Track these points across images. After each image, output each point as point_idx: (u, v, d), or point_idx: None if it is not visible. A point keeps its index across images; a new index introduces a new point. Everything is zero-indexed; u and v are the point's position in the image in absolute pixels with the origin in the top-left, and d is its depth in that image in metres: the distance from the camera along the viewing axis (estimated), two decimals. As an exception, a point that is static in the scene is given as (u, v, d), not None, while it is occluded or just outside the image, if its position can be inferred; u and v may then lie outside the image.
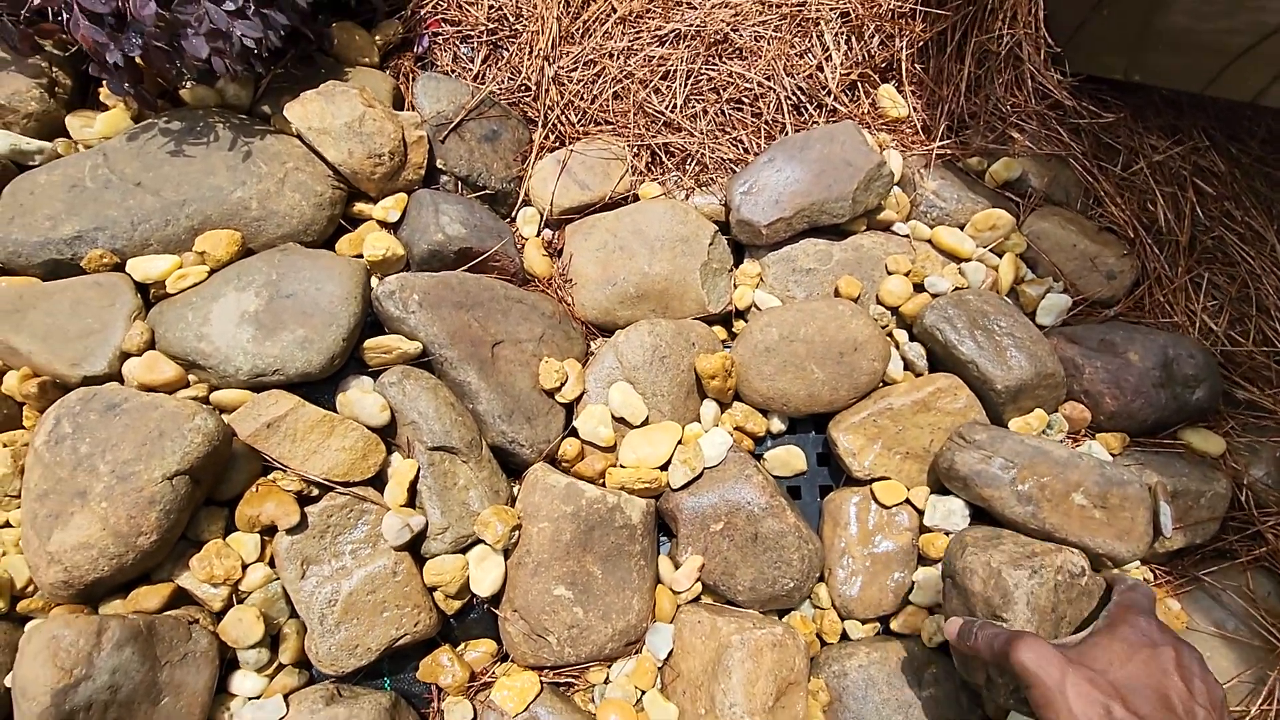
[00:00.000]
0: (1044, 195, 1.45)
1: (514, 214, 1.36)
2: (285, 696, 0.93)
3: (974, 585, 0.96)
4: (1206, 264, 1.33)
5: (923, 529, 1.17)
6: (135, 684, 0.83)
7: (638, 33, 1.46)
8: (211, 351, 0.98)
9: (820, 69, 1.48)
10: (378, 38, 1.41)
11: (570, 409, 1.19)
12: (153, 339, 1.00)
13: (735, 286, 1.33)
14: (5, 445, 0.93)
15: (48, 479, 0.86)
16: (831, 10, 1.50)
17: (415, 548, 1.02)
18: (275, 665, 0.95)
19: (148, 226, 1.05)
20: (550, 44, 1.44)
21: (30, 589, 0.89)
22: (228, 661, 0.94)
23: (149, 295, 1.05)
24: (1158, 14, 1.24)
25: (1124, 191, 1.43)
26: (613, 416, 1.16)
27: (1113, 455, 1.21)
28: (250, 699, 0.93)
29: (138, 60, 1.10)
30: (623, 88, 1.44)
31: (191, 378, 1.00)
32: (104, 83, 1.17)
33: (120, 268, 1.04)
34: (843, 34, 1.50)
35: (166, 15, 0.99)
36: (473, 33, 1.46)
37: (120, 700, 0.82)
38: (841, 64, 1.49)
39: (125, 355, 0.99)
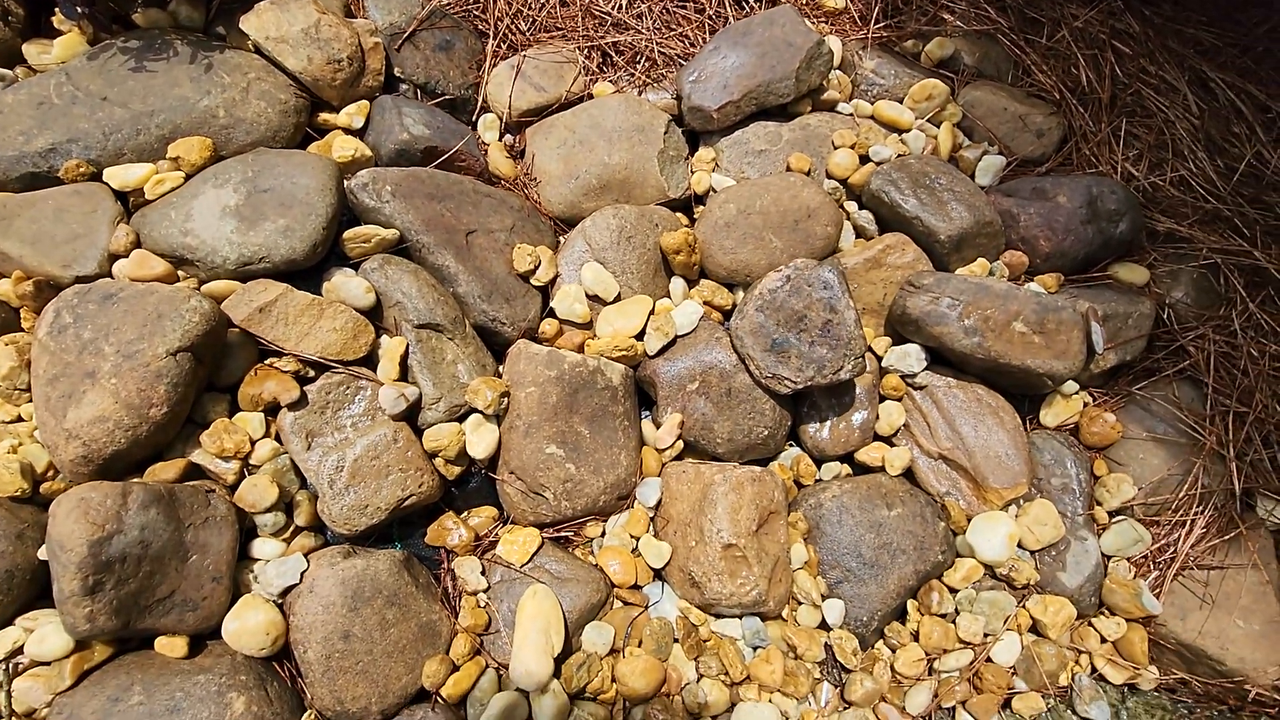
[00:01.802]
0: (976, 70, 1.54)
1: (475, 120, 1.41)
2: (305, 555, 0.99)
3: None
4: (1126, 117, 1.43)
5: (882, 372, 1.27)
6: (164, 541, 0.89)
7: (579, -61, 1.50)
8: (198, 245, 1.03)
9: (757, -37, 1.54)
10: (323, -41, 1.43)
11: (546, 292, 1.25)
12: (138, 240, 1.04)
13: (693, 172, 1.40)
14: (8, 344, 0.97)
15: (56, 364, 0.91)
16: (763, -95, 1.55)
17: (412, 419, 1.08)
18: (292, 529, 1.01)
19: (120, 136, 1.08)
20: (494, -45, 1.47)
21: (50, 473, 0.94)
22: (247, 531, 1.00)
23: (129, 202, 1.08)
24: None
25: (1049, 59, 1.52)
26: (586, 294, 1.23)
27: (1051, 292, 1.31)
28: (271, 560, 0.99)
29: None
30: (569, -7, 1.48)
31: (181, 273, 1.05)
32: (57, 9, 1.19)
33: (97, 177, 1.08)
34: (776, -72, 1.55)
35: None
36: (417, -51, 1.48)
37: (152, 555, 0.88)
38: (777, -43, 1.54)
39: (114, 256, 1.03)
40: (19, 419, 0.97)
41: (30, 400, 0.97)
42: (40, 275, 0.99)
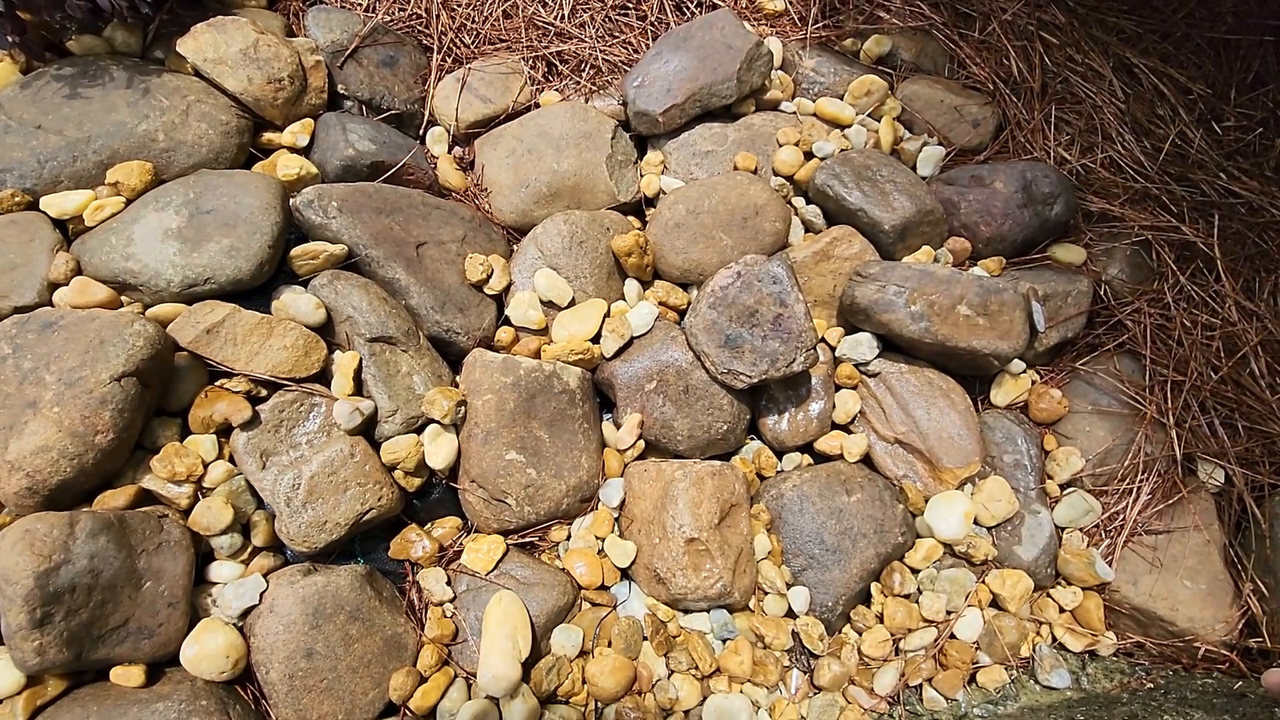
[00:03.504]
0: (913, 65, 1.58)
1: (422, 134, 1.41)
2: (265, 576, 0.98)
3: None
4: (1057, 104, 1.48)
5: (836, 361, 1.29)
6: (115, 569, 0.87)
7: (518, -48, 1.52)
8: (140, 269, 1.02)
9: (695, -31, 1.57)
10: (263, -19, 1.43)
11: (500, 301, 1.26)
12: (79, 267, 1.03)
13: (641, 176, 1.42)
14: (-54, 379, 0.95)
15: (-5, 397, 0.90)
16: (698, -87, 1.58)
17: (369, 432, 1.08)
18: (250, 550, 1.00)
19: (55, 164, 1.07)
20: (435, -29, 1.49)
21: (-4, 508, 0.93)
22: (204, 554, 0.99)
23: (68, 230, 1.07)
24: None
25: (982, 51, 1.57)
26: (540, 301, 1.24)
27: (992, 274, 1.35)
28: (229, 583, 0.98)
29: (20, 11, 1.11)
30: (511, 5, 1.50)
31: (124, 299, 1.04)
32: (-11, 39, 1.17)
33: (34, 206, 1.06)
34: (712, -65, 1.59)
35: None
36: (357, -32, 1.49)
37: (103, 584, 0.86)
38: (715, -37, 1.58)
39: (54, 285, 1.01)
40: (-40, 455, 0.95)
41: (-29, 434, 0.95)
42: (-23, 307, 0.98)
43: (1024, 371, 1.32)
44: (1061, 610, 1.21)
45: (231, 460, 1.02)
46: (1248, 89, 1.47)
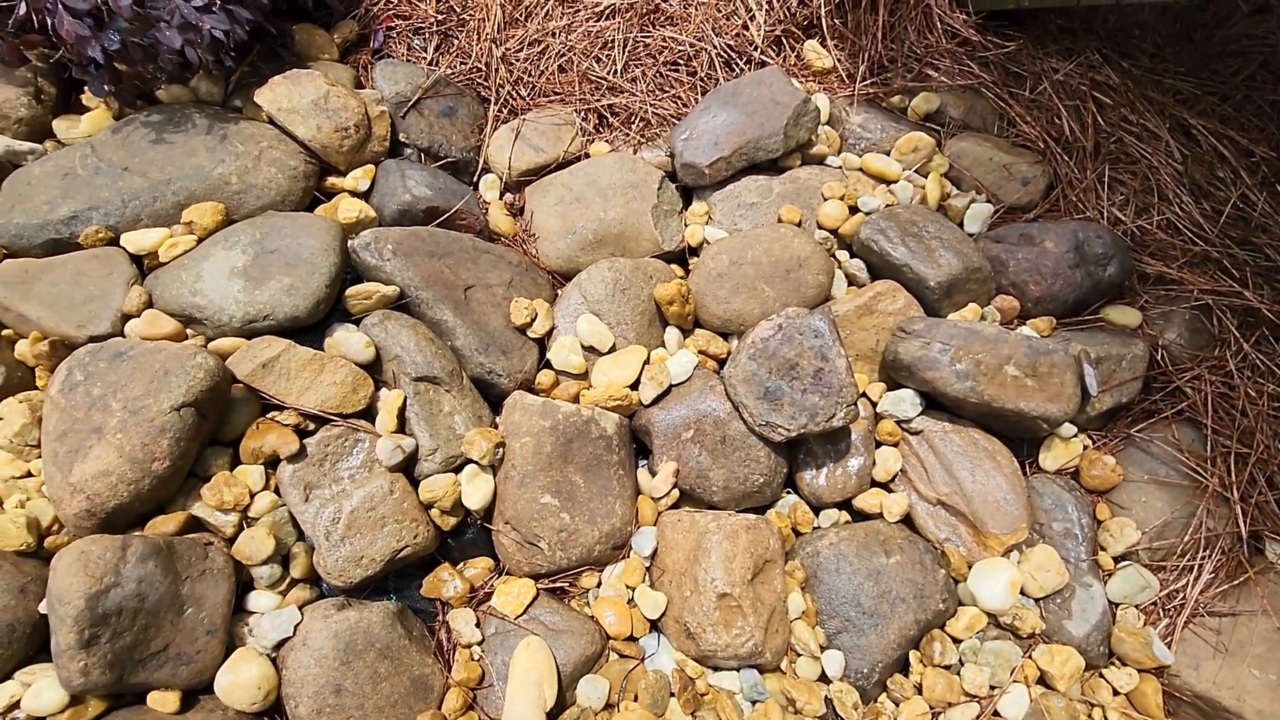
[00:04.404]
0: (962, 123, 1.59)
1: (476, 180, 1.47)
2: (300, 608, 1.00)
3: None
4: (1111, 164, 1.46)
5: (877, 417, 1.27)
6: (160, 594, 0.90)
7: (576, 11, 1.59)
8: (206, 304, 1.07)
9: (746, 28, 1.61)
10: (336, 36, 1.52)
11: (542, 345, 1.28)
12: (150, 300, 1.09)
13: (686, 226, 1.44)
14: (21, 401, 1.01)
15: (64, 421, 0.95)
16: (750, -25, 1.64)
17: (409, 470, 1.10)
18: (288, 581, 1.02)
19: (138, 204, 1.15)
20: (496, 29, 1.56)
21: (55, 527, 0.97)
22: (244, 583, 1.01)
23: (144, 265, 1.14)
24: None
25: (1032, 110, 1.56)
26: (582, 346, 1.26)
27: (1043, 334, 1.32)
28: (266, 613, 1.00)
29: (117, 63, 1.21)
30: (566, 60, 1.56)
31: (189, 331, 1.09)
32: (85, 86, 1.28)
33: (115, 242, 1.14)
34: (763, -4, 1.64)
35: (142, 10, 1.10)
36: (424, 25, 1.58)
37: (148, 608, 0.89)
38: (765, 22, 1.62)
39: (127, 316, 1.07)
40: (29, 474, 1.00)
41: (39, 456, 1.00)
42: (56, 336, 1.04)
43: (1075, 435, 1.27)
44: (1116, 693, 1.14)
45: (276, 491, 1.04)
46: (1314, 151, 1.43)
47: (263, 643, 0.97)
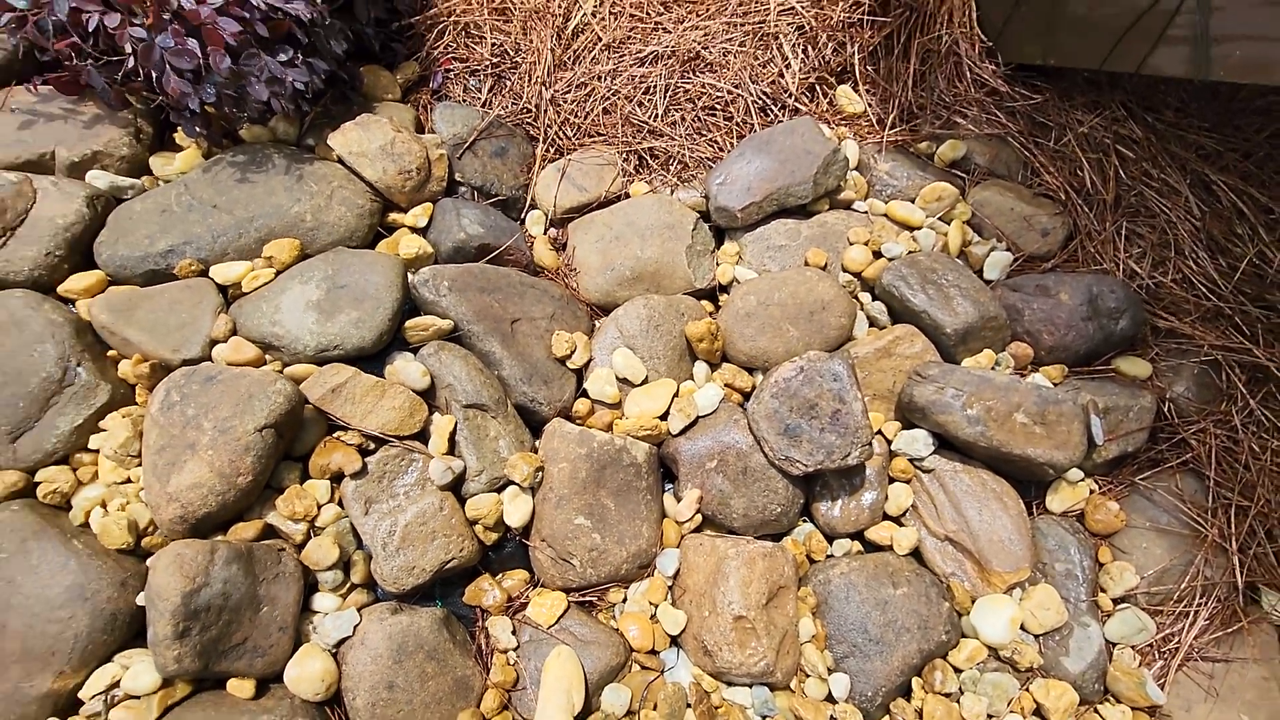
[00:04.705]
0: (987, 170, 1.65)
1: (523, 216, 1.58)
2: (358, 610, 1.12)
3: None
4: (1130, 217, 1.51)
5: (891, 455, 1.35)
6: (241, 594, 1.03)
7: (621, 57, 1.69)
8: (283, 334, 1.20)
9: (781, 75, 1.70)
10: (399, 77, 1.65)
11: (580, 375, 1.39)
12: (234, 328, 1.22)
13: (718, 265, 1.54)
14: (125, 416, 1.14)
15: (163, 436, 1.08)
16: (789, 25, 1.72)
17: (457, 488, 1.21)
18: (348, 586, 1.14)
19: (225, 239, 1.28)
20: (546, 72, 1.67)
21: (150, 529, 1.10)
22: (310, 586, 1.14)
23: (228, 295, 1.27)
24: (1062, 5, 1.45)
25: (1056, 161, 1.62)
26: (616, 378, 1.36)
27: (1054, 385, 1.38)
28: (329, 614, 1.12)
29: (208, 107, 1.34)
30: (610, 104, 1.66)
31: (268, 357, 1.22)
32: (179, 128, 1.42)
33: (205, 273, 1.27)
34: (799, 45, 1.72)
35: (235, 67, 1.23)
36: (479, 67, 1.70)
37: (231, 606, 1.01)
38: (800, 70, 1.70)
39: (214, 342, 1.20)
40: (128, 481, 1.13)
41: (139, 465, 1.13)
42: (155, 358, 1.17)
43: (1082, 480, 1.34)
44: (1110, 728, 1.20)
45: (340, 504, 1.16)
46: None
47: (326, 640, 1.09)
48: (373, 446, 1.20)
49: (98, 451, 1.14)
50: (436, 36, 1.70)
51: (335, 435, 1.19)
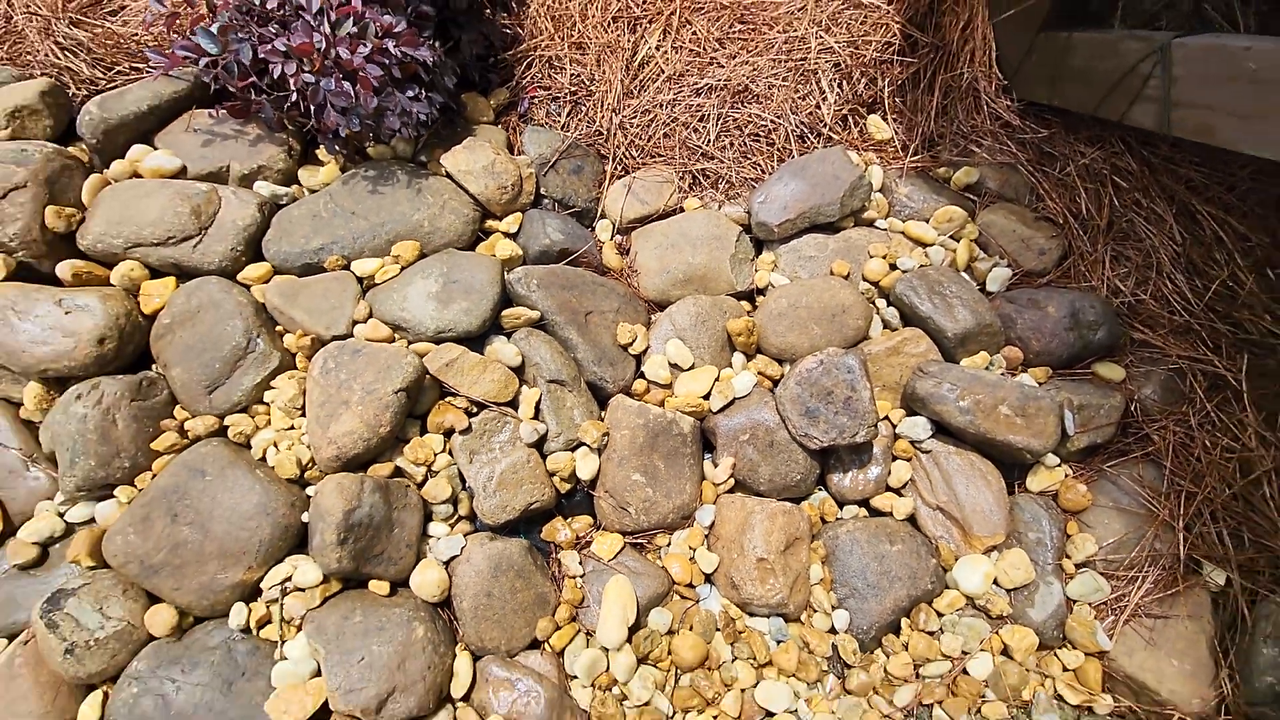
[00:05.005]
0: (997, 194, 1.89)
1: (594, 224, 1.87)
2: (464, 536, 1.44)
3: None
4: (1119, 240, 1.74)
5: (895, 437, 1.61)
6: (381, 517, 1.35)
7: (680, 88, 1.97)
8: (409, 319, 1.52)
9: (819, 107, 1.95)
10: (492, 101, 1.95)
11: (639, 360, 1.68)
12: (371, 311, 1.54)
13: (756, 271, 1.81)
14: (291, 378, 1.48)
15: (323, 394, 1.41)
16: (827, 63, 1.97)
17: (540, 446, 1.52)
18: (456, 517, 1.47)
19: (362, 240, 1.60)
20: (616, 100, 1.96)
21: (310, 465, 1.43)
22: (428, 516, 1.46)
23: (365, 285, 1.59)
24: (1066, 57, 1.68)
25: (1059, 188, 1.85)
26: (669, 363, 1.65)
27: (1039, 383, 1.63)
28: (441, 538, 1.44)
29: (349, 132, 1.66)
30: (670, 129, 1.94)
31: (397, 336, 1.54)
32: (322, 146, 1.74)
33: (347, 267, 1.60)
34: (835, 80, 1.97)
35: (378, 104, 1.54)
36: (559, 94, 1.99)
37: (374, 525, 1.34)
38: (835, 102, 1.96)
39: (355, 322, 1.53)
40: (292, 428, 1.47)
41: (302, 416, 1.47)
42: (313, 333, 1.50)
43: (1058, 465, 1.58)
44: (1065, 669, 1.46)
45: (450, 454, 1.48)
46: (1309, 241, 1.67)
47: (440, 557, 1.41)
48: (476, 410, 1.51)
49: (270, 404, 1.48)
50: (524, 68, 2.00)
51: (447, 399, 1.51)
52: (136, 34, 1.78)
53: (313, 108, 1.56)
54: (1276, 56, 1.07)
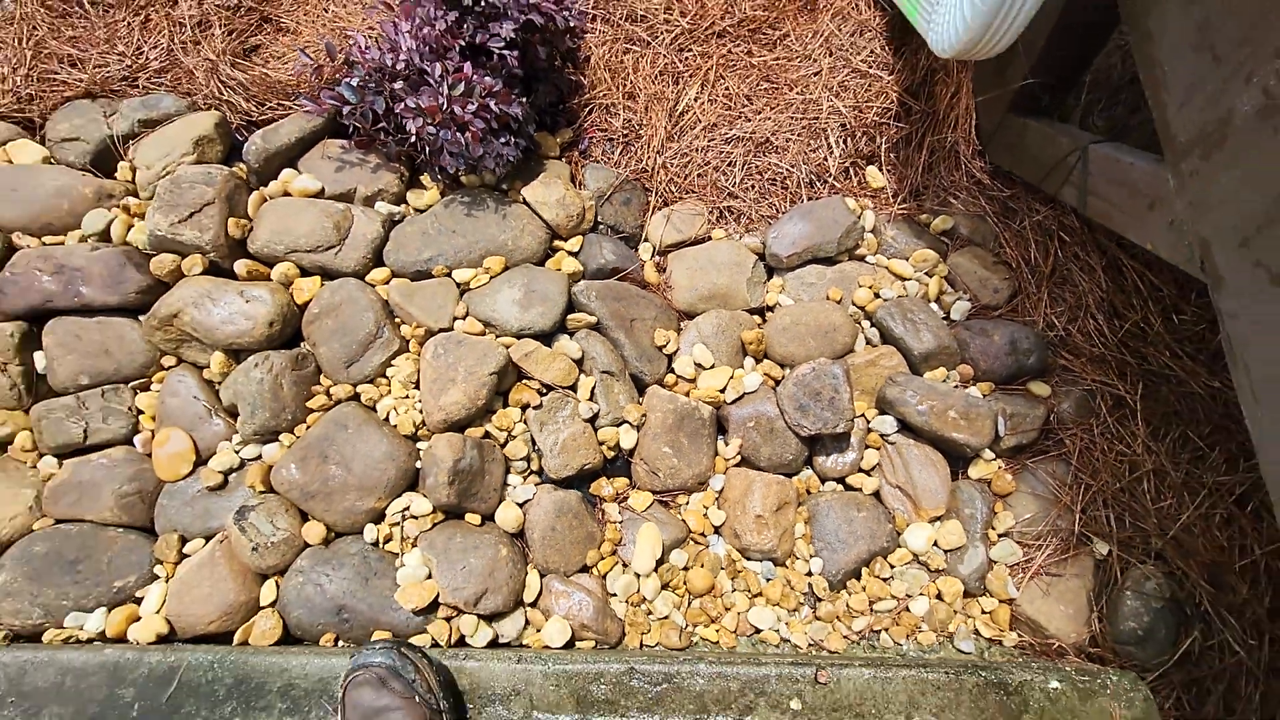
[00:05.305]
0: (968, 239, 2.32)
1: (638, 246, 2.32)
2: (535, 486, 1.90)
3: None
4: (1057, 285, 2.18)
5: (868, 430, 2.07)
6: (478, 466, 1.81)
7: (713, 137, 2.40)
8: (498, 318, 1.97)
9: (826, 159, 2.39)
10: (558, 139, 2.39)
11: (670, 358, 2.13)
12: (468, 311, 2.00)
13: (767, 292, 2.25)
14: (407, 359, 1.94)
15: (435, 373, 1.87)
16: (835, 122, 2.40)
17: (593, 422, 1.98)
18: (528, 471, 1.93)
19: (460, 254, 2.05)
20: (660, 143, 2.39)
21: (421, 426, 1.89)
22: (507, 470, 1.92)
23: (462, 289, 2.05)
24: (1023, 136, 2.11)
25: (1016, 238, 2.28)
26: (694, 362, 2.10)
27: (984, 395, 2.08)
28: (518, 486, 1.90)
29: (454, 169, 2.11)
30: (703, 171, 2.38)
31: (487, 331, 2.00)
32: (425, 174, 2.19)
33: (449, 275, 2.05)
34: (841, 137, 2.40)
35: (480, 150, 1.99)
36: (614, 136, 2.43)
37: (473, 472, 1.80)
38: (840, 156, 2.39)
39: (455, 319, 1.99)
40: (407, 397, 1.93)
41: (416, 389, 1.93)
42: (424, 326, 1.96)
43: (994, 459, 2.04)
44: (983, 612, 1.92)
45: (525, 423, 1.94)
46: (1207, 294, 2.11)
47: (516, 500, 1.88)
48: (545, 391, 1.97)
49: (390, 378, 1.94)
50: (585, 112, 2.44)
51: (524, 381, 1.97)
52: (286, 79, 2.22)
53: (429, 150, 2.01)
54: (1148, 174, 1.51)
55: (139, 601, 1.71)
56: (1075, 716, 1.52)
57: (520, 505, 1.88)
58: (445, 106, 1.93)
